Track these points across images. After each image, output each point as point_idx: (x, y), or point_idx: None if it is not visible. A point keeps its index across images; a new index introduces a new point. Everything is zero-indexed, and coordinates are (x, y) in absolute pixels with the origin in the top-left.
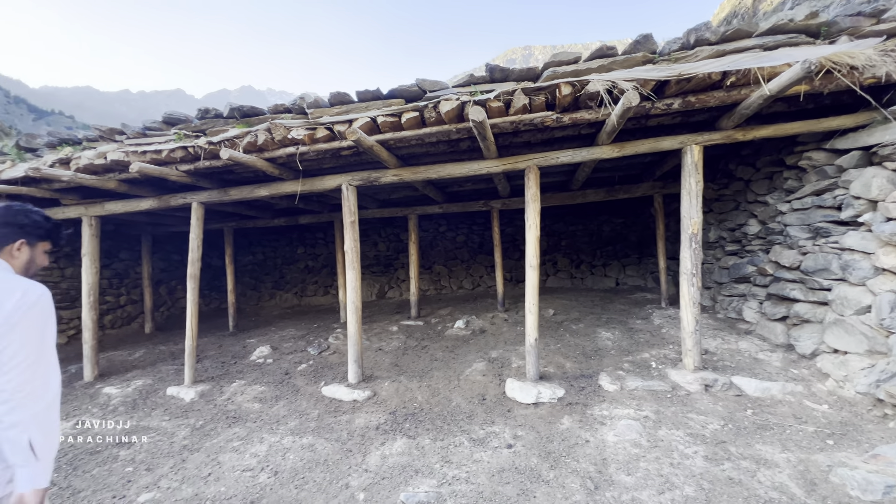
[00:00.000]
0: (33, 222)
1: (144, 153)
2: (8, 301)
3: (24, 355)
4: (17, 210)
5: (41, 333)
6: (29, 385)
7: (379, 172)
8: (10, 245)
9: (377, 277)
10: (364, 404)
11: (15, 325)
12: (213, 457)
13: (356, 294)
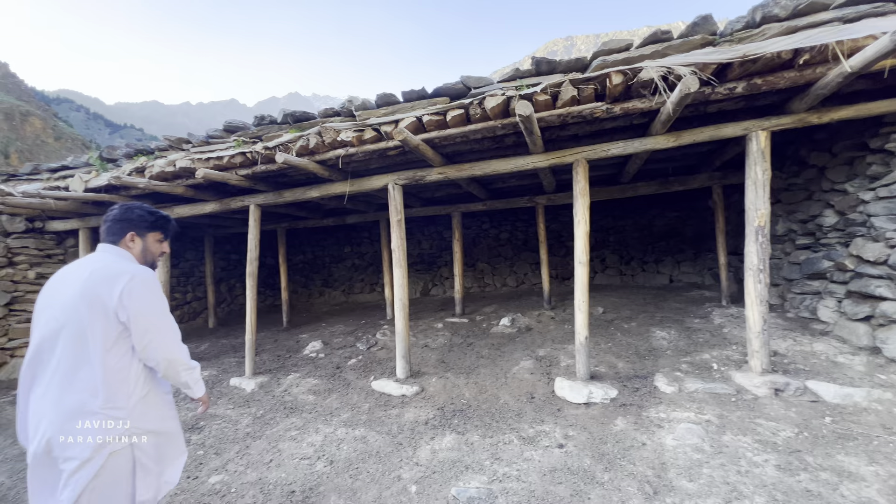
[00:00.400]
0: (139, 216)
1: (208, 160)
2: (118, 283)
3: (144, 320)
4: (128, 207)
5: (151, 303)
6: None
7: (424, 171)
8: (125, 237)
9: (421, 275)
10: (412, 399)
11: (128, 302)
12: (274, 444)
13: (403, 291)
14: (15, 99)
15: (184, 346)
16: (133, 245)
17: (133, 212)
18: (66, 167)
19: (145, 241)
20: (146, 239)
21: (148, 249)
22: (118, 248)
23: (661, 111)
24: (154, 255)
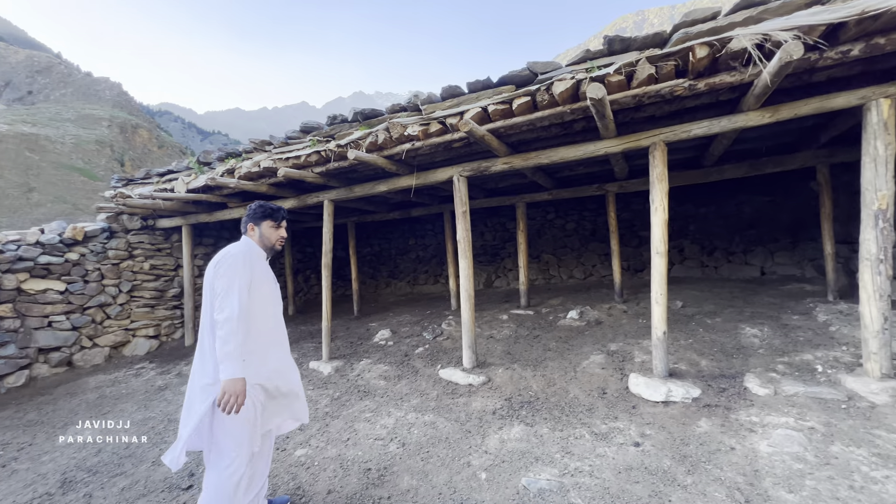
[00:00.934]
0: (253, 210)
1: (287, 159)
2: (218, 261)
3: (221, 289)
4: (251, 205)
5: (230, 278)
6: (222, 311)
7: (489, 162)
8: (247, 227)
9: (484, 267)
10: (479, 389)
11: (220, 272)
12: (350, 424)
13: (469, 282)
14: (127, 114)
15: (242, 323)
16: (252, 233)
17: (251, 207)
18: (171, 171)
19: (261, 229)
20: (261, 227)
21: (264, 235)
22: (244, 237)
23: (756, 84)
24: (271, 239)
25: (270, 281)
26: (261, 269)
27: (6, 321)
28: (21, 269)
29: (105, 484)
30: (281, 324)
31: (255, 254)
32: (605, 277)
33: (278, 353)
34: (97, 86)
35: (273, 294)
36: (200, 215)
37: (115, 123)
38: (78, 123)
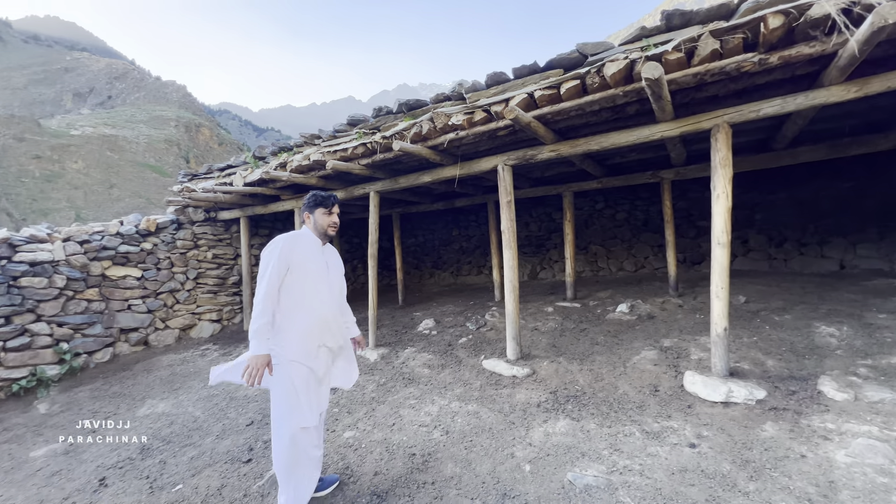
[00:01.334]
0: (307, 199)
1: (335, 152)
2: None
3: (258, 273)
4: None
5: (265, 263)
6: (257, 293)
7: (535, 150)
8: (304, 215)
9: (528, 258)
10: (523, 381)
11: (261, 258)
12: (395, 410)
13: (514, 273)
14: (191, 114)
15: (266, 301)
16: (308, 221)
17: (306, 198)
18: (230, 166)
19: (315, 217)
20: (315, 215)
21: (317, 222)
22: (303, 225)
23: (840, 54)
24: (323, 225)
25: (321, 263)
26: (307, 252)
27: (94, 304)
28: (105, 257)
29: (177, 453)
30: (332, 303)
31: (301, 239)
32: (657, 270)
33: (323, 332)
34: (165, 89)
35: (321, 275)
36: (256, 207)
37: (181, 123)
38: (149, 124)
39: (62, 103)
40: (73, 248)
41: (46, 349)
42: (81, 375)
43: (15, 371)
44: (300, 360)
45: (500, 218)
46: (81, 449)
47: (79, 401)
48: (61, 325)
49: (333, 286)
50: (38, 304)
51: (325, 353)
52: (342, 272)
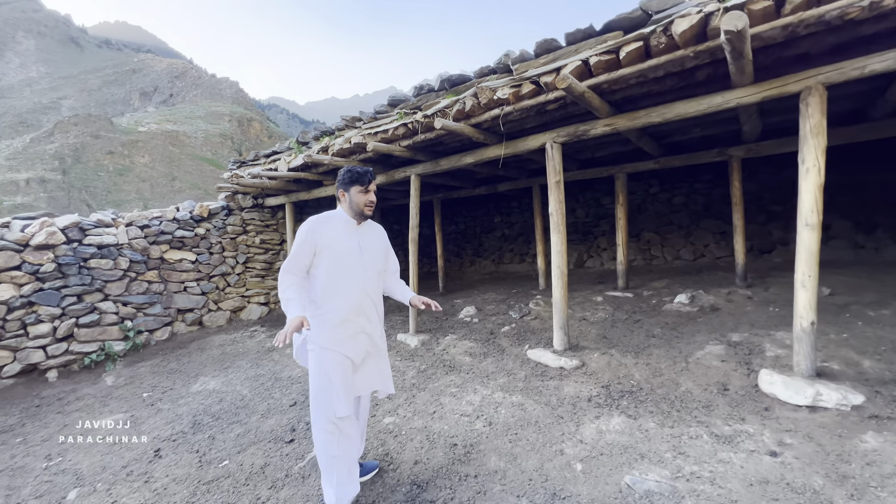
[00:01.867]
0: (341, 176)
1: (375, 134)
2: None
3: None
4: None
5: (294, 243)
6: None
7: (587, 125)
8: (338, 193)
9: (575, 246)
10: (572, 373)
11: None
12: (436, 398)
13: (562, 258)
14: (243, 109)
15: (283, 274)
16: (343, 199)
17: (340, 173)
18: (275, 152)
19: (349, 194)
20: (350, 192)
21: (353, 200)
22: (339, 203)
23: None
24: (359, 204)
25: (352, 246)
26: (338, 234)
27: (154, 285)
28: (163, 241)
29: (224, 429)
30: (368, 287)
31: (332, 220)
32: (720, 259)
33: (359, 318)
34: (220, 85)
35: (353, 258)
36: (300, 193)
37: (234, 118)
38: (206, 120)
39: (131, 102)
40: (134, 232)
41: (113, 326)
42: (143, 352)
43: (86, 345)
44: (334, 347)
45: (548, 200)
46: (140, 420)
47: (140, 375)
48: (125, 304)
49: (368, 268)
50: (105, 284)
51: (363, 340)
52: (383, 252)
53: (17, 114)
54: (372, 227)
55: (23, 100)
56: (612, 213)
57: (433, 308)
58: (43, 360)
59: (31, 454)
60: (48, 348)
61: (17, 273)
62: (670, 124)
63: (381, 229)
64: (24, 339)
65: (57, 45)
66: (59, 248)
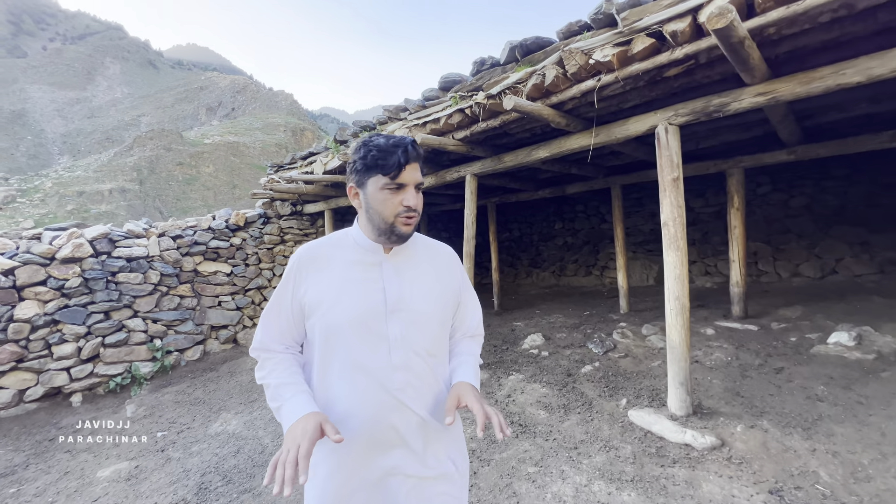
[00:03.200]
0: (350, 159)
1: (424, 124)
2: None
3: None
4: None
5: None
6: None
7: (726, 96)
8: (349, 193)
9: (655, 258)
10: (707, 457)
11: None
12: (507, 480)
13: (680, 286)
14: (296, 119)
15: (256, 354)
16: (357, 203)
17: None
18: (312, 153)
19: (365, 192)
20: (366, 189)
21: (371, 206)
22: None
23: None
24: (383, 213)
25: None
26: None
27: (186, 300)
28: (196, 252)
29: (232, 503)
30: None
31: (338, 246)
32: (861, 277)
33: (368, 453)
34: (276, 98)
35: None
36: (339, 199)
37: (289, 128)
38: (263, 131)
39: (198, 117)
40: (166, 243)
41: (141, 346)
42: (172, 374)
43: (112, 367)
44: (334, 470)
45: (660, 205)
46: (143, 476)
47: (162, 405)
48: (155, 321)
49: (409, 342)
50: (134, 299)
51: (397, 486)
52: (446, 298)
53: (104, 131)
54: (420, 255)
55: (109, 118)
56: (702, 218)
57: (502, 432)
58: (67, 382)
59: None
60: (72, 370)
61: (42, 289)
62: (828, 98)
63: (446, 254)
64: (48, 359)
65: (137, 68)
66: (85, 261)
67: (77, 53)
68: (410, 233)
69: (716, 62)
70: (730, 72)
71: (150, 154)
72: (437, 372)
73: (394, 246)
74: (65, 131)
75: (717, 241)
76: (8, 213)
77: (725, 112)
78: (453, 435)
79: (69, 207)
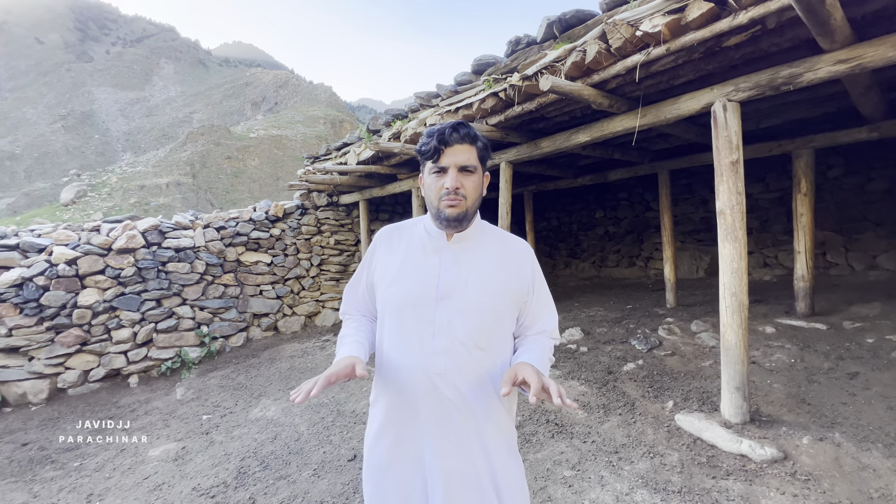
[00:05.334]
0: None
1: (457, 110)
2: None
3: None
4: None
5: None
6: None
7: (798, 65)
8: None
9: (706, 248)
10: (767, 471)
11: None
12: (542, 484)
13: (738, 281)
14: (336, 111)
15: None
16: (421, 189)
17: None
18: (346, 144)
19: (423, 179)
20: (423, 176)
21: (425, 192)
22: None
23: None
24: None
25: (427, 277)
26: (409, 256)
27: (230, 289)
28: (239, 242)
29: (269, 488)
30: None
31: (409, 229)
32: None
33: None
34: (316, 91)
35: (423, 298)
36: (374, 189)
37: (328, 120)
38: (304, 124)
39: (244, 112)
40: (211, 234)
41: (189, 332)
42: (217, 359)
43: (164, 352)
44: (368, 480)
45: (716, 190)
46: (189, 457)
47: (208, 389)
48: (202, 308)
49: (455, 329)
50: (183, 288)
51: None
52: (508, 291)
53: (161, 128)
54: (488, 246)
55: (164, 116)
56: (761, 205)
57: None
58: (124, 365)
59: (76, 489)
60: (129, 354)
61: (101, 277)
62: None
63: (518, 250)
64: (108, 343)
65: (189, 67)
66: (138, 251)
67: (136, 56)
68: (456, 216)
69: (786, 27)
70: (803, 37)
71: (202, 149)
72: (482, 365)
73: (453, 232)
74: (127, 129)
75: (778, 229)
76: (81, 206)
77: (797, 84)
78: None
79: (132, 200)
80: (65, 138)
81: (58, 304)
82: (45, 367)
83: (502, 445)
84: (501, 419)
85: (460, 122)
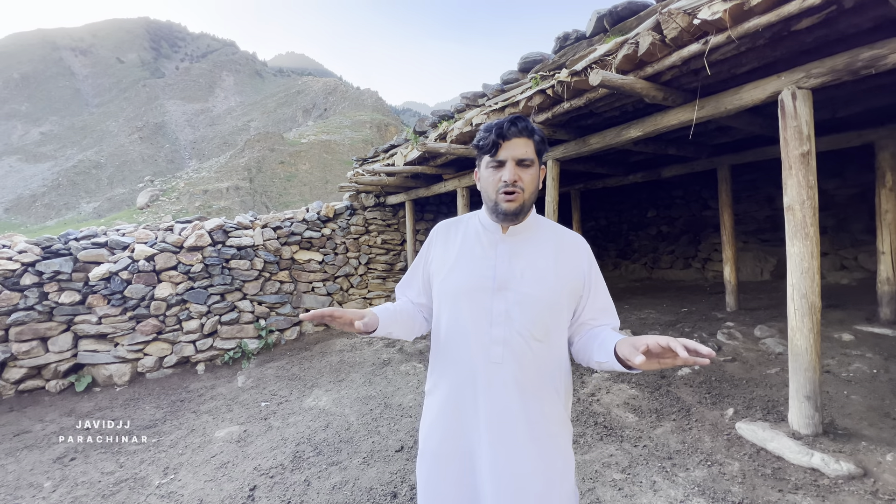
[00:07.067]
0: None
1: (503, 109)
2: None
3: None
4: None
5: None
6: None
7: (882, 47)
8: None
9: (772, 248)
10: (842, 487)
11: None
12: (589, 486)
13: (809, 281)
14: (381, 115)
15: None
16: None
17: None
18: (393, 146)
19: (480, 174)
20: (480, 170)
21: (481, 185)
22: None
23: None
24: (487, 191)
25: (482, 272)
26: (465, 248)
27: (285, 285)
28: (293, 241)
29: (322, 472)
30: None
31: (465, 223)
32: None
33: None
34: (362, 96)
35: (480, 293)
36: (419, 190)
37: (374, 124)
38: (351, 128)
39: (296, 119)
40: (268, 233)
41: (249, 325)
42: (273, 351)
43: (227, 342)
44: (422, 468)
45: (784, 184)
46: (251, 439)
47: (266, 378)
48: (260, 303)
49: (513, 320)
50: (244, 283)
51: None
52: (562, 284)
53: (222, 136)
54: (544, 240)
55: (225, 125)
56: (837, 202)
57: (697, 357)
58: (193, 353)
59: (155, 462)
60: (197, 343)
61: (174, 272)
62: None
63: (575, 244)
64: (179, 333)
65: (247, 79)
66: (206, 249)
67: (201, 70)
68: (514, 210)
69: (868, 5)
70: (887, 16)
71: (258, 155)
72: (541, 358)
73: (508, 225)
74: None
75: (857, 228)
76: (153, 209)
77: (880, 68)
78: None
79: (197, 204)
80: (140, 148)
81: (138, 296)
82: (128, 352)
83: (557, 440)
84: (557, 412)
85: (518, 115)
